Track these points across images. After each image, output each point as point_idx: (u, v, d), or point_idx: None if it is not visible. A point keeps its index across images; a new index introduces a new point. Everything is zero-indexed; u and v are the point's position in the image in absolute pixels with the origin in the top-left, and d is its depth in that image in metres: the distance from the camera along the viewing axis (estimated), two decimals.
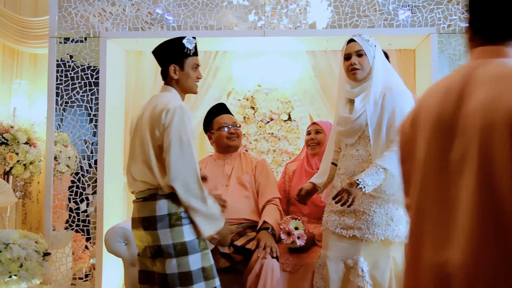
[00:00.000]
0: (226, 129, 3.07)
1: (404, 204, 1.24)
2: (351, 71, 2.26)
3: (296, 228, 2.69)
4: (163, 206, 2.09)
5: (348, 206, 2.11)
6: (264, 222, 2.78)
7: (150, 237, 2.12)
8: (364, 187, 2.07)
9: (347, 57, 2.30)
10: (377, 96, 2.20)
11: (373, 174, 2.07)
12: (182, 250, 2.07)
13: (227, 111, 3.18)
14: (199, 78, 2.27)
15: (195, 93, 2.29)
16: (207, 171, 3.06)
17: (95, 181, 3.53)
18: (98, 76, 3.55)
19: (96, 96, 3.56)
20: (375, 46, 2.27)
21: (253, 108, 3.93)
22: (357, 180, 2.07)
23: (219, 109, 3.16)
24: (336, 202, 2.12)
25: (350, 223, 2.24)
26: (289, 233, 2.68)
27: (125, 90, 3.87)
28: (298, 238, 2.67)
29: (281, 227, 2.69)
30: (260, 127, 3.91)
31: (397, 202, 2.22)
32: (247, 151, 3.70)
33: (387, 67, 2.31)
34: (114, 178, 3.67)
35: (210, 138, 3.14)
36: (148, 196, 2.15)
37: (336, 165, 2.47)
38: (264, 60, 3.81)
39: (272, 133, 3.87)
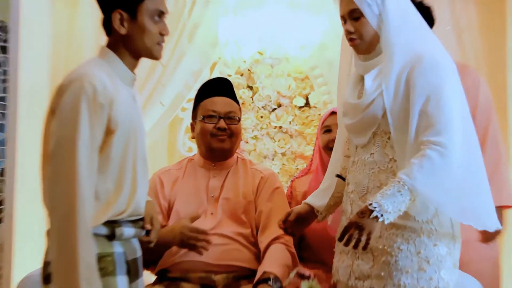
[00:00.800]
0: (213, 120, 2.69)
1: None
2: (350, 42, 2.12)
3: None
4: None
5: (364, 248, 1.92)
6: (264, 272, 2.46)
7: None
8: (382, 215, 1.86)
9: (344, 19, 2.15)
10: (401, 71, 2.02)
11: (393, 195, 1.87)
12: None
13: (226, 93, 2.79)
14: (164, 35, 1.98)
15: (156, 58, 2.01)
16: (183, 185, 2.72)
17: (2, 203, 3.29)
18: (7, 39, 3.30)
19: (5, 68, 3.33)
20: None
21: (251, 88, 3.54)
22: (371, 205, 1.88)
23: (214, 88, 2.79)
24: (346, 244, 1.94)
25: (366, 269, 2.04)
26: None
27: (51, 59, 3.42)
28: None
29: None
30: (261, 117, 3.52)
31: (435, 233, 1.99)
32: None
33: (412, 24, 2.11)
34: (32, 195, 3.01)
35: (192, 130, 2.81)
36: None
37: (344, 179, 2.28)
38: (268, 15, 3.42)
39: (281, 127, 3.51)
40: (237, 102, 2.79)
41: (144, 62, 2.85)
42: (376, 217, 1.88)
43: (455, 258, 2.04)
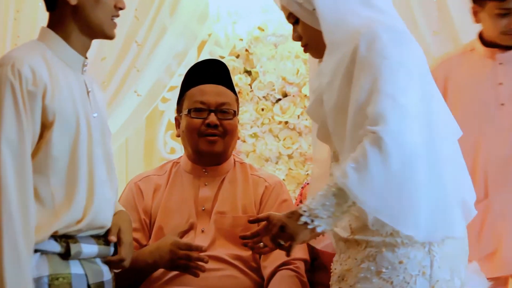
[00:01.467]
0: (201, 114, 2.61)
1: None
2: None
3: None
4: None
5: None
6: None
7: None
8: (313, 220, 1.80)
9: None
10: (338, 62, 1.96)
11: (325, 196, 1.83)
12: None
13: (218, 79, 2.70)
14: (120, 8, 1.95)
15: (108, 36, 1.97)
16: (166, 196, 2.65)
17: None
18: None
19: None
20: None
21: (249, 73, 3.51)
22: (300, 209, 1.85)
23: (203, 73, 2.72)
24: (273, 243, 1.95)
25: None
26: None
27: None
28: None
29: None
30: (262, 110, 3.51)
31: (401, 248, 1.88)
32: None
33: (348, 6, 1.99)
34: None
35: (177, 126, 2.75)
36: None
37: None
38: None
39: (287, 122, 3.49)
40: (234, 91, 2.64)
41: (114, 40, 2.88)
42: (306, 223, 1.82)
43: (434, 280, 1.89)
